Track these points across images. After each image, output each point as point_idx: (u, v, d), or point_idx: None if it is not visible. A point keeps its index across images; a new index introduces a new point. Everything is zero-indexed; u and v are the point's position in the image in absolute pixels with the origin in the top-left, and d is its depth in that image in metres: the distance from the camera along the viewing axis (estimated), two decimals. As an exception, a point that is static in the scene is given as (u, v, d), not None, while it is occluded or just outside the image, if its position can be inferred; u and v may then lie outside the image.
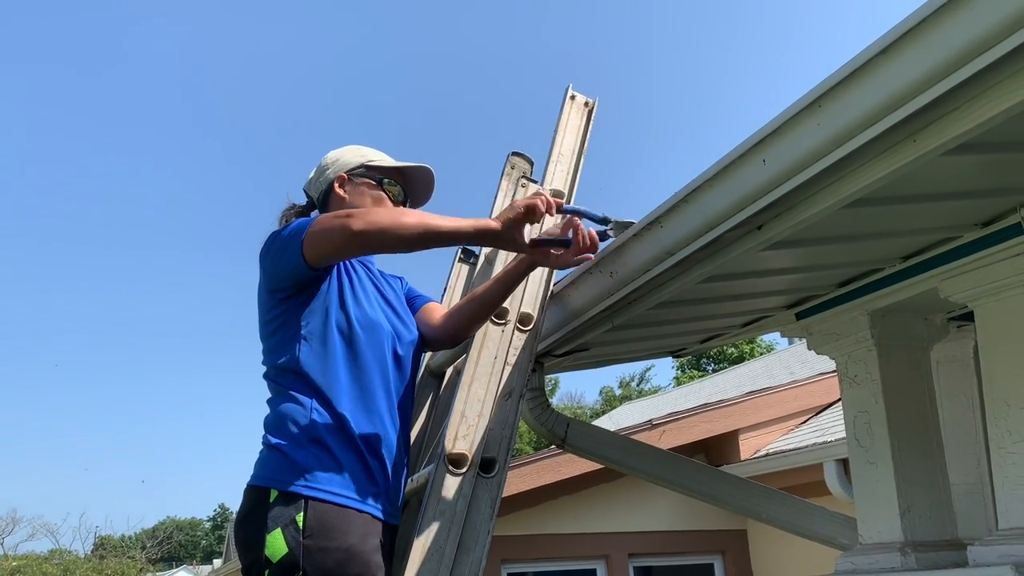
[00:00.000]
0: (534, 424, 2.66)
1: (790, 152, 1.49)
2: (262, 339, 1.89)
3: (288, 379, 1.81)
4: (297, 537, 1.64)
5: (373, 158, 2.08)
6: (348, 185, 2.03)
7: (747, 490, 2.99)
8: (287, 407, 1.78)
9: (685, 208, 1.75)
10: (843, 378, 2.51)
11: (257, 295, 1.91)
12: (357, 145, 2.12)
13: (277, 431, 1.77)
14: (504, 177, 2.66)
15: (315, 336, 1.82)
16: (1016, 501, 1.99)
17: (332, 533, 1.67)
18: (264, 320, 1.88)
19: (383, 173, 2.05)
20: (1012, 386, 2.01)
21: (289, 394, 1.79)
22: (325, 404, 1.77)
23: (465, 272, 2.70)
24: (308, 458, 1.71)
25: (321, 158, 2.11)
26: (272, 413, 1.81)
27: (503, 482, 1.96)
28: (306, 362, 1.79)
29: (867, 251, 2.18)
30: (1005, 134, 1.49)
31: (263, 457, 1.77)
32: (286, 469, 1.71)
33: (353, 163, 2.05)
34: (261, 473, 1.74)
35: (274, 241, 1.84)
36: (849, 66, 1.34)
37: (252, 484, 1.74)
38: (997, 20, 1.13)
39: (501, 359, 2.10)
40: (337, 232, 1.72)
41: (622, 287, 2.04)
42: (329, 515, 1.68)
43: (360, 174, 2.04)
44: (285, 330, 1.83)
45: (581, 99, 2.54)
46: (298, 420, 1.75)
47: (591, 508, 6.26)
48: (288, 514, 1.66)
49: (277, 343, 1.84)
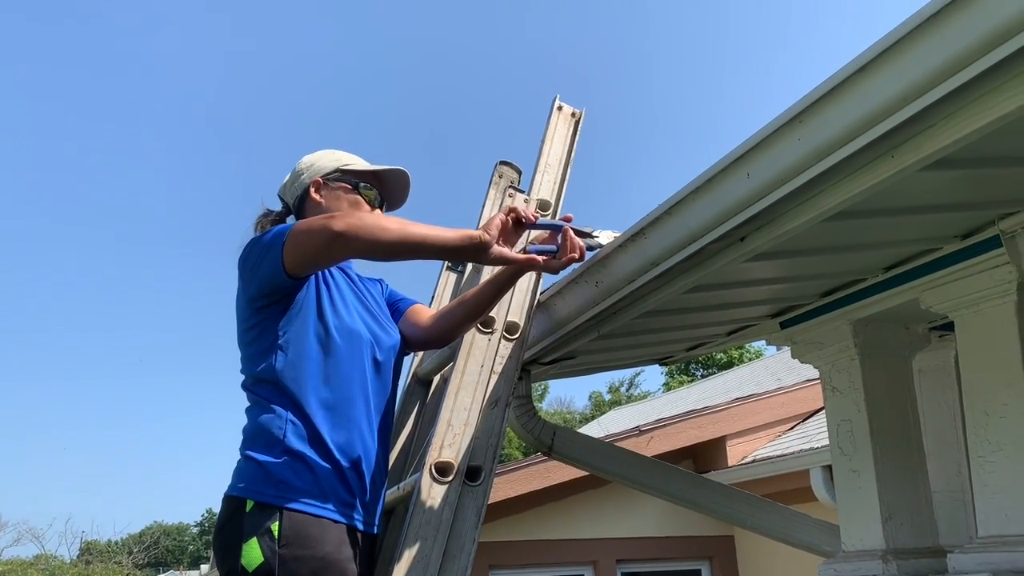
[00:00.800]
0: (521, 432, 2.68)
1: (772, 166, 1.51)
2: (240, 347, 1.89)
3: (265, 389, 1.80)
4: (272, 546, 1.64)
5: (348, 162, 2.07)
6: (324, 189, 2.02)
7: (732, 497, 3.01)
8: (263, 418, 1.77)
9: (669, 220, 1.78)
10: (826, 387, 2.53)
11: (235, 303, 1.90)
12: (332, 149, 2.11)
13: (253, 442, 1.77)
14: (492, 186, 2.68)
15: (292, 346, 1.81)
16: (994, 509, 2.02)
17: (308, 542, 1.67)
18: (242, 329, 1.87)
19: (359, 177, 2.05)
20: (990, 396, 2.04)
21: (265, 404, 1.79)
22: (301, 415, 1.77)
23: (453, 280, 2.71)
24: (283, 469, 1.72)
25: (295, 163, 2.09)
26: (249, 423, 1.82)
27: (489, 490, 1.97)
28: (283, 372, 1.79)
29: (849, 262, 2.20)
30: (981, 150, 1.52)
31: (240, 467, 1.77)
32: (261, 480, 1.71)
33: (328, 167, 2.04)
34: (238, 483, 1.74)
35: (252, 248, 1.83)
36: (829, 83, 1.36)
37: (229, 494, 1.75)
38: (970, 42, 1.16)
39: (488, 368, 2.11)
40: (318, 234, 1.71)
41: (607, 297, 2.06)
42: (305, 524, 1.69)
43: (336, 178, 2.03)
44: (262, 340, 1.82)
45: (568, 109, 2.56)
46: (274, 431, 1.75)
47: (579, 514, 6.28)
48: (264, 523, 1.67)
49: (254, 352, 1.84)
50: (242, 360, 1.88)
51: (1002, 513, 2.00)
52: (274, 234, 1.79)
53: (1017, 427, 1.98)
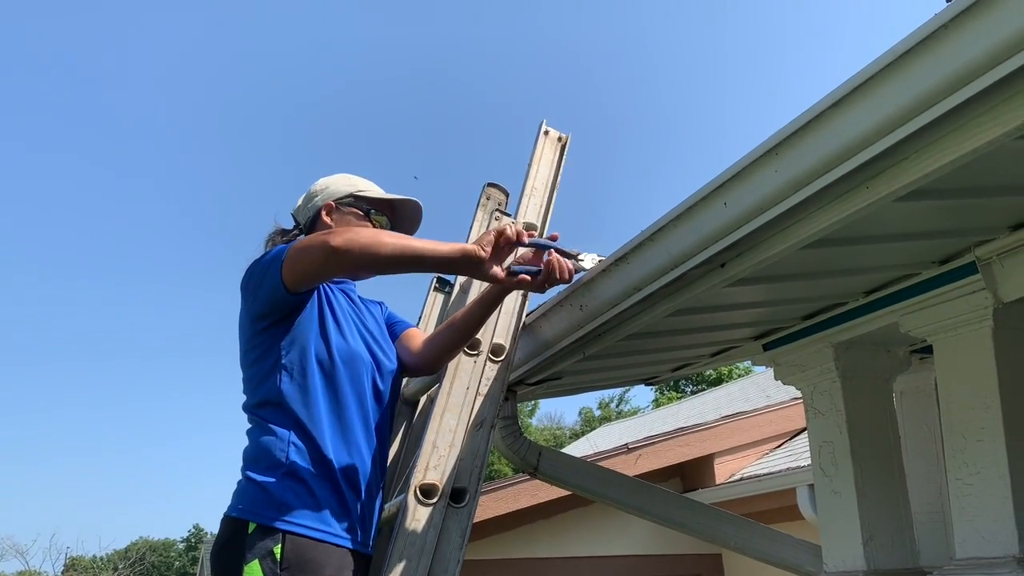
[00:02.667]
0: (506, 452, 2.69)
1: (750, 196, 1.54)
2: (243, 368, 1.90)
3: (267, 411, 1.82)
4: (275, 569, 1.66)
5: (363, 188, 2.09)
6: (335, 213, 2.05)
7: (716, 518, 3.03)
8: (265, 439, 1.79)
9: (651, 246, 1.81)
10: (809, 408, 2.56)
11: (238, 324, 1.91)
12: (347, 174, 2.14)
13: (255, 464, 1.78)
14: (480, 208, 2.70)
15: (295, 367, 1.82)
16: (972, 532, 2.05)
17: (309, 566, 1.69)
18: (245, 350, 1.88)
19: (371, 204, 2.08)
20: (968, 419, 2.07)
21: (267, 426, 1.80)
22: (304, 437, 1.78)
23: (440, 301, 2.74)
24: (285, 492, 1.73)
25: (310, 184, 2.11)
26: (251, 445, 1.83)
27: (473, 512, 1.98)
28: (285, 394, 1.80)
29: (830, 287, 2.24)
30: (955, 181, 1.56)
31: (241, 489, 1.78)
32: (264, 503, 1.72)
33: (342, 192, 2.07)
34: (239, 505, 1.75)
35: (255, 268, 1.85)
36: (804, 116, 1.40)
37: (229, 515, 1.75)
38: (939, 80, 1.19)
39: (473, 389, 2.13)
40: (316, 249, 1.73)
41: (592, 320, 2.09)
42: (306, 548, 1.70)
43: (348, 203, 2.06)
44: (265, 361, 1.84)
45: (555, 134, 2.59)
46: (276, 453, 1.76)
47: (567, 532, 6.27)
48: (266, 546, 1.68)
49: (257, 373, 1.85)
50: (244, 381, 1.89)
51: (979, 535, 2.03)
52: (275, 253, 1.81)
53: (994, 450, 2.01)
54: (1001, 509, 1.99)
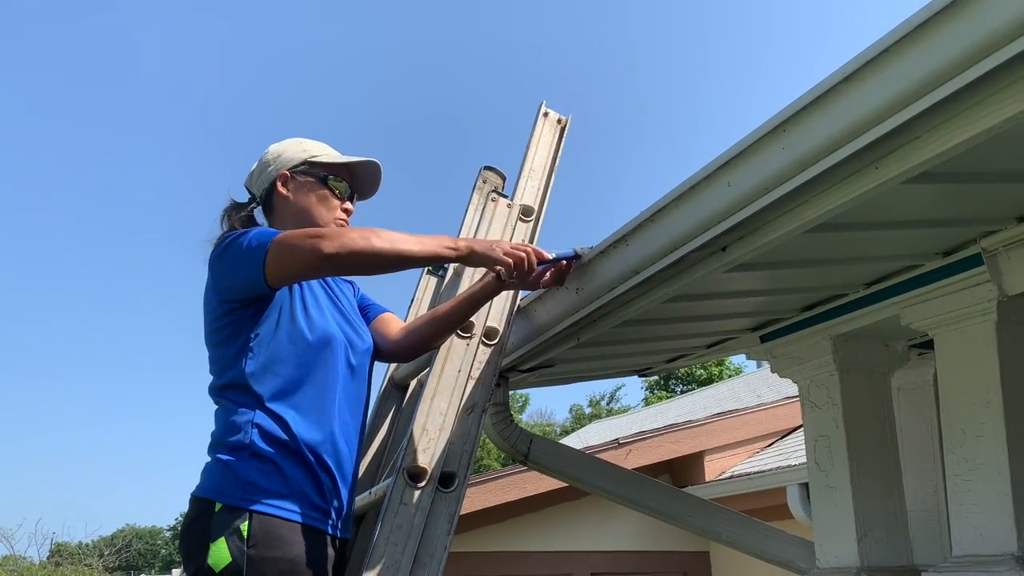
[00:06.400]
0: (497, 439, 2.65)
1: (754, 175, 1.50)
2: (208, 347, 1.84)
3: (234, 392, 1.77)
4: (241, 546, 1.61)
5: (316, 152, 1.99)
6: (291, 183, 1.96)
7: (708, 511, 2.99)
8: (232, 419, 1.74)
9: (651, 227, 1.76)
10: (805, 402, 2.53)
11: (204, 298, 1.84)
12: (299, 138, 2.04)
13: (223, 444, 1.73)
14: (476, 191, 2.66)
15: (264, 347, 1.77)
16: (970, 529, 2.01)
17: (277, 543, 1.65)
18: (212, 328, 1.82)
19: (327, 170, 1.98)
20: (968, 415, 2.04)
21: (233, 406, 1.75)
22: (272, 416, 1.73)
23: (433, 284, 2.69)
24: (252, 472, 1.68)
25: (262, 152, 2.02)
26: (217, 425, 1.78)
27: (462, 497, 1.94)
28: (253, 375, 1.75)
29: (831, 276, 2.20)
30: (965, 164, 1.52)
31: (208, 469, 1.74)
32: (230, 482, 1.68)
33: (295, 159, 1.97)
34: (206, 485, 1.71)
35: (231, 246, 1.77)
36: (814, 92, 1.35)
37: (196, 495, 1.71)
38: (956, 53, 1.15)
39: (465, 373, 2.09)
40: (306, 253, 1.68)
41: (588, 304, 2.04)
42: (273, 525, 1.66)
43: (303, 171, 1.96)
44: (234, 341, 1.78)
45: (554, 116, 2.55)
46: (244, 433, 1.71)
47: (555, 526, 6.24)
48: (232, 523, 1.63)
49: (224, 354, 1.79)
50: (211, 360, 1.83)
51: (977, 532, 2.00)
52: (256, 240, 1.73)
53: (994, 446, 1.97)
54: (1000, 506, 1.95)
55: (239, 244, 1.76)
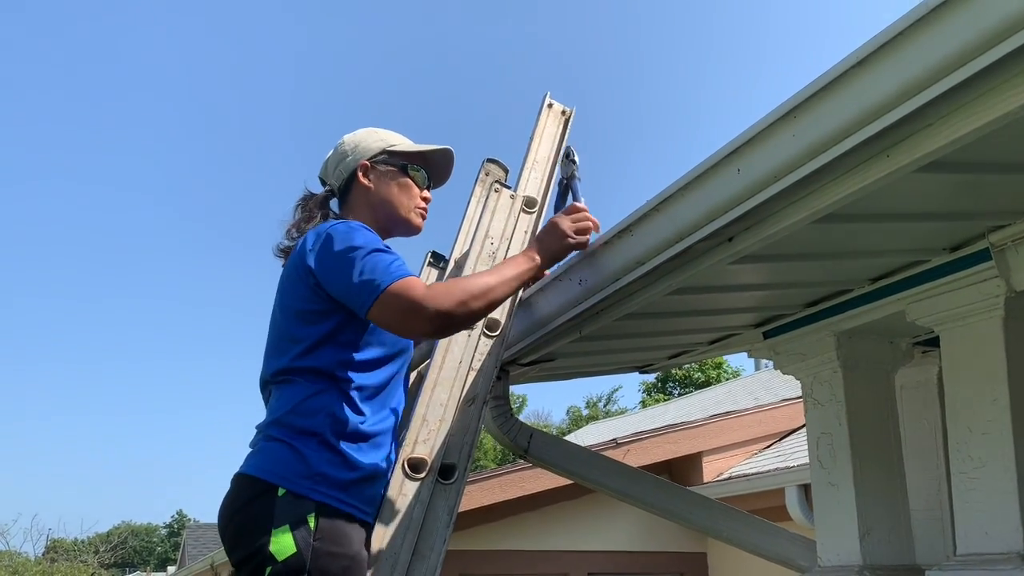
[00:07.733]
0: (496, 433, 2.63)
1: (764, 162, 1.48)
2: (289, 317, 1.79)
3: (314, 374, 1.74)
4: (308, 539, 1.60)
5: (394, 142, 2.03)
6: (372, 173, 1.98)
7: (709, 508, 2.97)
8: (308, 403, 1.72)
9: (656, 217, 1.74)
10: (808, 399, 2.51)
11: (293, 269, 1.79)
12: (373, 128, 2.06)
13: (290, 426, 1.71)
14: (478, 183, 2.63)
15: (353, 344, 1.77)
16: (975, 527, 1.99)
17: (341, 540, 1.64)
18: (299, 308, 1.78)
19: (406, 159, 2.01)
20: (974, 412, 2.02)
21: (311, 389, 1.73)
22: (353, 408, 1.74)
23: (435, 276, 2.67)
24: (323, 462, 1.67)
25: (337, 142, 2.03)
26: (286, 404, 1.74)
27: (462, 490, 1.92)
28: (342, 363, 1.75)
29: (836, 270, 2.18)
30: (977, 154, 1.50)
31: (271, 449, 1.70)
32: (299, 469, 1.66)
33: (374, 149, 2.00)
34: (268, 467, 1.67)
35: (345, 253, 1.71)
36: (826, 77, 1.33)
37: (255, 476, 1.67)
38: (970, 37, 1.13)
39: (466, 364, 2.07)
40: (421, 322, 1.68)
41: (591, 296, 2.02)
42: (339, 521, 1.65)
43: (383, 160, 1.99)
44: (323, 320, 1.75)
45: (558, 107, 2.53)
46: (318, 419, 1.70)
47: (553, 525, 6.23)
48: (299, 514, 1.61)
49: (309, 333, 1.76)
50: (285, 333, 1.79)
51: (982, 531, 1.98)
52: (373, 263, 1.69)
53: (1001, 444, 1.95)
54: (1005, 504, 1.93)
55: (358, 252, 1.71)
